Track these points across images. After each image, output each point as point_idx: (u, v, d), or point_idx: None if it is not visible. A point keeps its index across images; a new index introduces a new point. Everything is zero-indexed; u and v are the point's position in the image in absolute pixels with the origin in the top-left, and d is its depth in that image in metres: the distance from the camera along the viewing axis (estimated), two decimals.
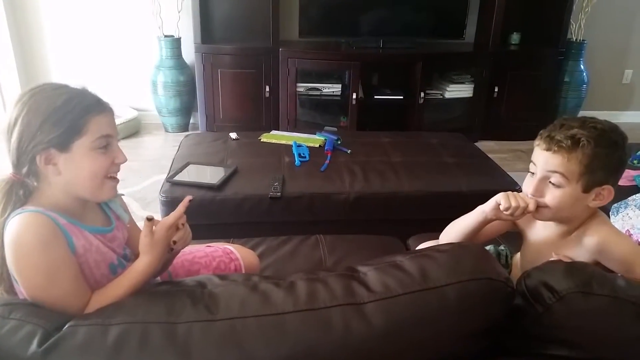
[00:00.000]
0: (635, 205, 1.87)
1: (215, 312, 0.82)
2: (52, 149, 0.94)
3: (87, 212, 1.05)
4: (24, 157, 0.94)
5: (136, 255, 1.05)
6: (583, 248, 1.17)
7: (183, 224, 1.05)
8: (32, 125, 0.93)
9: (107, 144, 1.00)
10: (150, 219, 1.02)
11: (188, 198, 1.07)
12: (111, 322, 0.81)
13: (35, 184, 0.96)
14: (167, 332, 0.79)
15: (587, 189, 1.13)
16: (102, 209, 1.12)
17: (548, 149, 1.13)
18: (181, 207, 1.05)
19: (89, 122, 0.96)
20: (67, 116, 0.94)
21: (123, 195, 1.20)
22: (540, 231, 1.28)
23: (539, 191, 1.16)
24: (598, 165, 1.10)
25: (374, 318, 0.81)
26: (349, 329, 0.80)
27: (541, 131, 1.18)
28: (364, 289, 0.85)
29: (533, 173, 1.18)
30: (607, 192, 1.14)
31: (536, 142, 1.18)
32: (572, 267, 0.90)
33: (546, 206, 1.15)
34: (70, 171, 0.96)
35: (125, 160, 1.04)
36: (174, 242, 1.04)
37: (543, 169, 1.14)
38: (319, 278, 0.88)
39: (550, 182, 1.14)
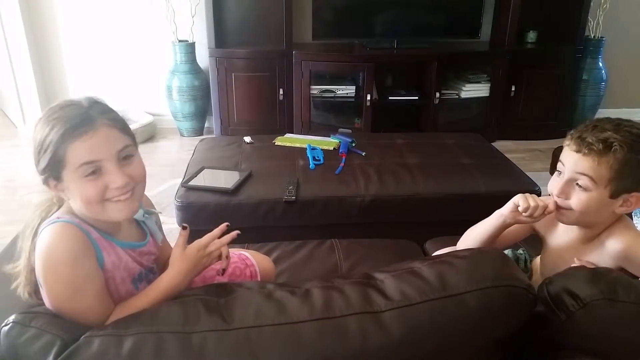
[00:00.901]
0: None
1: (230, 321, 0.81)
2: (50, 179, 0.94)
3: (121, 227, 1.04)
4: (42, 178, 0.96)
5: (162, 272, 1.05)
6: (607, 254, 1.13)
7: (227, 257, 1.13)
8: (33, 156, 0.94)
9: (96, 169, 0.92)
10: (185, 227, 1.08)
11: (225, 224, 1.15)
12: (126, 332, 0.81)
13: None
14: (182, 342, 0.79)
15: (615, 195, 1.09)
16: (137, 224, 1.11)
17: (578, 151, 1.09)
18: (217, 232, 1.11)
19: (66, 151, 0.90)
20: (49, 147, 0.90)
21: (160, 213, 1.20)
22: (561, 236, 1.25)
23: (564, 193, 1.12)
24: (629, 172, 1.06)
25: (391, 327, 0.79)
26: (366, 338, 0.78)
27: (572, 131, 1.14)
28: (381, 297, 0.83)
29: (560, 172, 1.15)
30: (636, 199, 1.10)
31: (566, 141, 1.14)
32: (596, 273, 0.87)
33: (570, 209, 1.12)
34: (72, 197, 0.95)
35: (124, 182, 0.93)
36: (223, 271, 1.13)
37: (571, 170, 1.11)
38: (334, 286, 0.87)
39: (577, 184, 1.11)
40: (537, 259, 1.42)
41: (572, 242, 1.21)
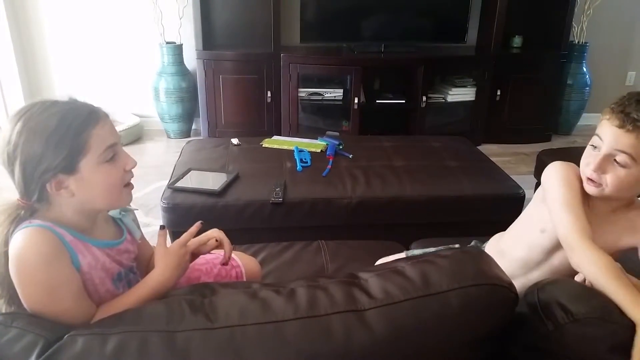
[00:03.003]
0: None
1: (215, 320, 0.81)
2: (60, 175, 0.91)
3: (97, 226, 1.04)
4: (32, 186, 0.91)
5: (143, 271, 1.05)
6: (630, 228, 1.13)
7: (217, 239, 1.17)
8: (33, 154, 0.89)
9: (114, 153, 0.96)
10: (163, 227, 1.09)
11: (199, 222, 1.17)
12: (111, 331, 0.80)
13: (45, 207, 0.95)
14: (166, 341, 0.78)
15: None
16: (114, 222, 1.11)
17: (621, 126, 1.05)
18: (193, 229, 1.13)
19: (89, 138, 0.92)
20: (65, 137, 0.90)
21: (136, 210, 1.20)
22: (588, 206, 1.20)
23: (601, 168, 1.09)
24: None
25: (375, 325, 0.80)
26: (349, 336, 0.79)
27: (612, 104, 1.10)
28: (365, 296, 0.84)
29: (595, 147, 1.11)
30: None
31: (606, 115, 1.10)
32: (590, 291, 0.89)
33: (606, 185, 1.10)
34: (84, 190, 0.94)
35: (135, 163, 1.01)
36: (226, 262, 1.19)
37: (611, 146, 1.07)
38: (319, 285, 0.87)
39: (615, 160, 1.07)
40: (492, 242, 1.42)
41: (599, 212, 1.18)
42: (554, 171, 1.22)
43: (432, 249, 1.55)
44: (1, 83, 3.85)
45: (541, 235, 1.25)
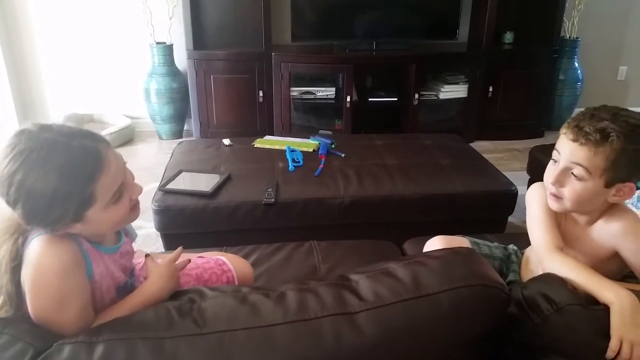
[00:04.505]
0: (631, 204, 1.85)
1: (203, 325, 0.80)
2: (62, 225, 0.89)
3: (107, 236, 1.04)
4: (39, 228, 0.89)
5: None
6: (607, 232, 1.15)
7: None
8: (37, 209, 0.85)
9: (121, 192, 0.94)
10: (147, 255, 1.10)
11: (180, 248, 1.18)
12: (98, 339, 0.79)
13: None
14: (153, 348, 0.77)
15: (609, 185, 1.09)
16: None
17: (575, 140, 1.08)
18: (175, 255, 1.14)
19: (95, 191, 0.88)
20: (71, 195, 0.86)
21: None
22: (564, 221, 1.24)
23: (559, 181, 1.13)
24: (625, 162, 1.06)
25: (365, 327, 0.79)
26: (340, 339, 0.78)
27: (569, 119, 1.13)
28: (355, 298, 0.83)
29: (556, 161, 1.14)
30: (629, 189, 1.11)
31: (563, 129, 1.13)
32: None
33: (564, 198, 1.13)
34: (92, 228, 0.93)
35: (141, 190, 1.00)
36: None
37: (567, 159, 1.10)
38: (309, 288, 0.86)
39: (572, 173, 1.10)
40: (528, 250, 1.43)
41: (574, 229, 1.21)
42: (530, 193, 1.29)
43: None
44: None
45: (532, 250, 1.32)
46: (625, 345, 0.83)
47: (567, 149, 1.10)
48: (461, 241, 1.52)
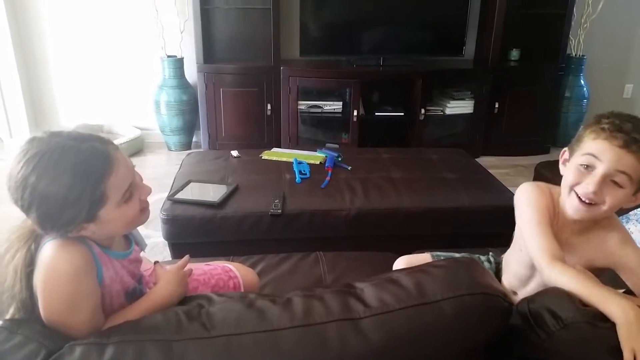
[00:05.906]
0: (637, 220, 1.86)
1: (211, 329, 0.82)
2: (75, 226, 0.91)
3: (115, 240, 1.06)
4: (52, 232, 0.92)
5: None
6: (605, 243, 1.14)
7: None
8: (52, 211, 0.88)
9: (131, 192, 0.96)
10: (156, 262, 1.13)
11: (187, 256, 1.20)
12: (108, 341, 0.81)
13: None
14: (163, 350, 0.79)
15: (636, 192, 1.08)
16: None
17: (623, 147, 1.03)
18: (182, 262, 1.16)
19: (106, 189, 0.90)
20: (83, 196, 0.88)
21: None
22: (556, 226, 1.21)
23: (601, 190, 1.07)
24: None
25: (370, 333, 0.81)
26: (345, 344, 0.80)
27: (602, 125, 1.07)
28: (360, 304, 0.85)
29: (588, 166, 1.08)
30: None
31: (602, 135, 1.06)
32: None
33: (603, 204, 1.08)
34: (105, 228, 0.95)
35: (150, 191, 1.03)
36: None
37: (611, 166, 1.04)
38: (315, 294, 0.88)
39: (613, 180, 1.06)
40: (507, 255, 1.43)
41: (569, 231, 1.19)
42: (524, 193, 1.24)
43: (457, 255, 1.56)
44: (4, 95, 3.88)
45: (521, 253, 1.28)
46: (639, 356, 0.81)
47: (613, 156, 1.04)
48: (424, 257, 1.53)
